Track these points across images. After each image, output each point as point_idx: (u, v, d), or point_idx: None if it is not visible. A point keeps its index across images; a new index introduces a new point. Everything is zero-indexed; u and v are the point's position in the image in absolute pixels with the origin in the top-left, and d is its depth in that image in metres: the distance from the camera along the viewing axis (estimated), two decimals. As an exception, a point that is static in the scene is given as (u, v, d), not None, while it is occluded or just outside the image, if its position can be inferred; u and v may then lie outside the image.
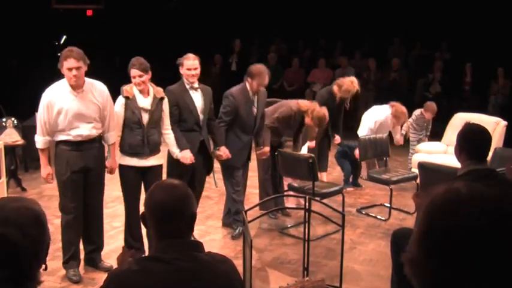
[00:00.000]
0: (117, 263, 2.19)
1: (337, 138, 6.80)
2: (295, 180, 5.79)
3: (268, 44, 12.44)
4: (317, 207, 4.79)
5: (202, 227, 5.60)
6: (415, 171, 6.34)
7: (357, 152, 6.60)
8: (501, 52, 9.96)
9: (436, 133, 7.91)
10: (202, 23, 12.62)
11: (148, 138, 4.56)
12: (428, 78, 10.79)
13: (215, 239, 5.43)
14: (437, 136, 7.79)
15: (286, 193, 5.90)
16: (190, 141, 4.90)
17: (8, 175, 6.32)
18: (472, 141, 3.15)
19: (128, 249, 2.23)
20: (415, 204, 3.73)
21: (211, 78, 10.07)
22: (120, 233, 5.32)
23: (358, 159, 6.61)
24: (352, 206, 6.44)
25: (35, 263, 1.52)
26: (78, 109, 4.27)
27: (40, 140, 4.36)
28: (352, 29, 12.14)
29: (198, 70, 4.94)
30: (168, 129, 4.76)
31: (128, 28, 12.79)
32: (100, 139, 4.51)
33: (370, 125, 6.83)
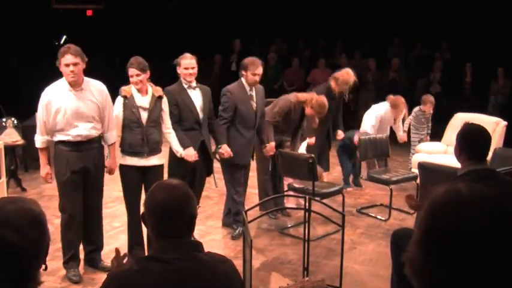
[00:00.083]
0: (111, 266, 2.20)
1: (339, 134, 6.77)
2: (295, 180, 5.79)
3: (268, 44, 12.43)
4: (317, 207, 4.79)
5: (202, 227, 5.60)
6: (415, 171, 6.35)
7: (356, 138, 6.63)
8: (501, 52, 9.96)
9: (436, 133, 7.91)
10: (202, 23, 12.62)
11: (147, 137, 4.55)
12: (428, 78, 10.80)
13: (215, 239, 5.43)
14: (437, 136, 7.79)
15: (286, 193, 5.90)
16: (191, 140, 4.91)
17: (8, 175, 6.32)
18: (472, 141, 3.15)
19: (121, 252, 2.23)
20: (408, 206, 3.74)
21: (211, 78, 10.07)
22: (120, 233, 5.33)
23: (357, 144, 6.64)
24: (352, 206, 6.44)
25: (35, 263, 1.52)
26: (76, 108, 4.26)
27: (39, 139, 4.36)
28: (352, 29, 12.14)
29: (196, 69, 4.95)
30: (169, 128, 4.76)
31: (128, 28, 12.79)
32: (100, 140, 4.50)
33: (371, 122, 6.85)
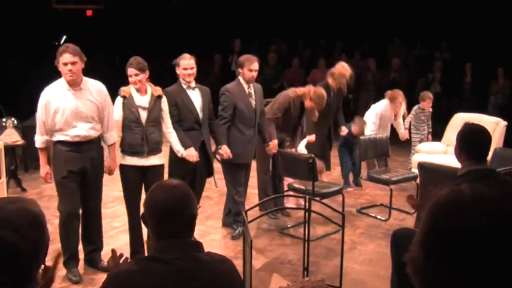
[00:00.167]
0: (108, 266, 2.19)
1: (343, 130, 6.77)
2: (295, 180, 5.79)
3: (268, 44, 12.44)
4: (317, 207, 4.78)
5: (202, 227, 5.59)
6: (415, 171, 6.35)
7: (353, 128, 6.75)
8: (501, 52, 9.96)
9: (436, 133, 7.91)
10: (202, 23, 12.62)
11: (147, 136, 4.55)
12: (428, 78, 10.79)
13: (215, 239, 5.42)
14: (437, 136, 7.79)
15: (286, 193, 5.90)
16: (192, 140, 4.90)
17: (8, 175, 6.32)
18: (472, 141, 3.15)
19: (117, 252, 2.22)
20: (410, 205, 3.74)
21: (211, 78, 10.07)
22: (120, 233, 5.33)
23: (355, 134, 6.71)
24: (352, 206, 6.44)
25: (34, 263, 1.52)
26: (75, 107, 4.26)
27: (39, 139, 4.36)
28: (352, 29, 12.14)
29: (194, 70, 4.96)
30: (170, 128, 4.75)
31: (128, 28, 12.80)
32: (99, 140, 4.50)
33: (372, 120, 6.88)
